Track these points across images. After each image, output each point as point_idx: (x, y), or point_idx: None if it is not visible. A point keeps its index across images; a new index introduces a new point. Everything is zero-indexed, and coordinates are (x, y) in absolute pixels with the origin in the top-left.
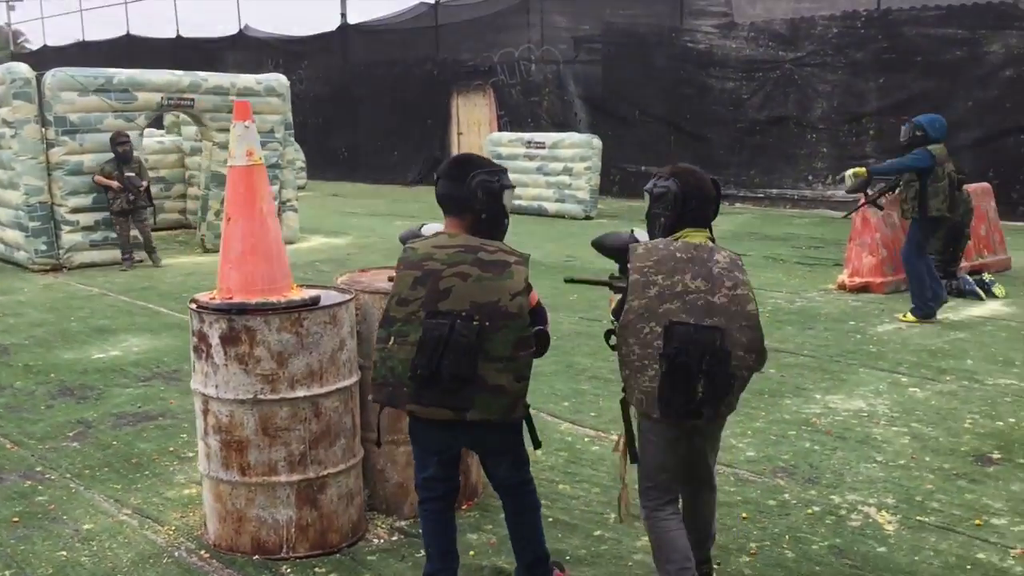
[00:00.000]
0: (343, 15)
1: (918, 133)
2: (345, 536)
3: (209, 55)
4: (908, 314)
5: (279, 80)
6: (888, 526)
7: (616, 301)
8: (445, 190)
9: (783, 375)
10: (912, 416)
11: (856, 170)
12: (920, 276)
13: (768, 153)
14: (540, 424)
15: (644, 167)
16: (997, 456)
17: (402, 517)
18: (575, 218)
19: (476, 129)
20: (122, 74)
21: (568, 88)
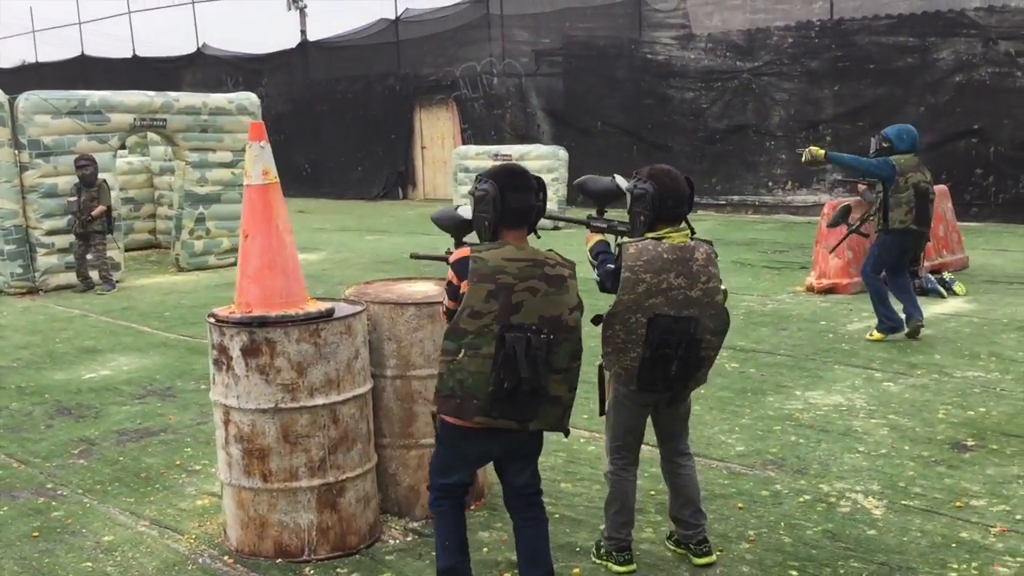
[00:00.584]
0: (303, 32)
1: (884, 145)
2: (363, 538)
3: (166, 74)
4: (875, 332)
5: (250, 99)
6: (876, 511)
7: (593, 240)
8: (520, 202)
9: (763, 374)
10: (889, 408)
11: (814, 148)
12: (878, 290)
13: (729, 161)
14: None
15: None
16: (971, 443)
17: (414, 519)
18: (543, 228)
19: (440, 143)
20: (94, 96)
21: (530, 101)
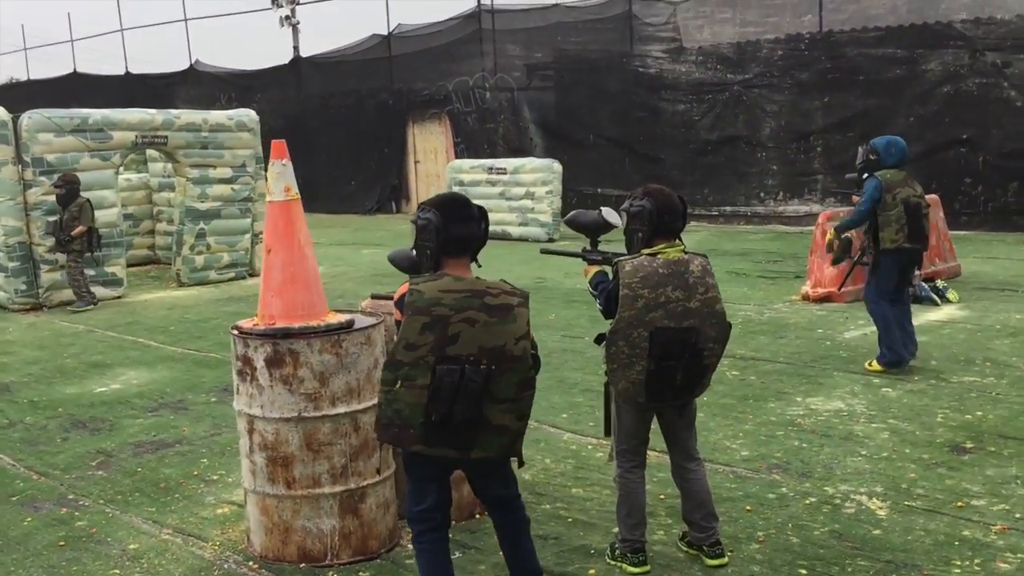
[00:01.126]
0: (295, 48)
1: (872, 157)
2: (384, 542)
3: (159, 91)
4: (874, 362)
5: (249, 115)
6: (880, 511)
7: (592, 272)
8: (463, 232)
9: (763, 381)
10: (888, 413)
11: (829, 238)
12: (884, 318)
13: (720, 172)
14: (544, 435)
15: (600, 189)
16: (970, 446)
17: None
18: (538, 241)
19: (433, 157)
20: (96, 114)
21: (523, 114)
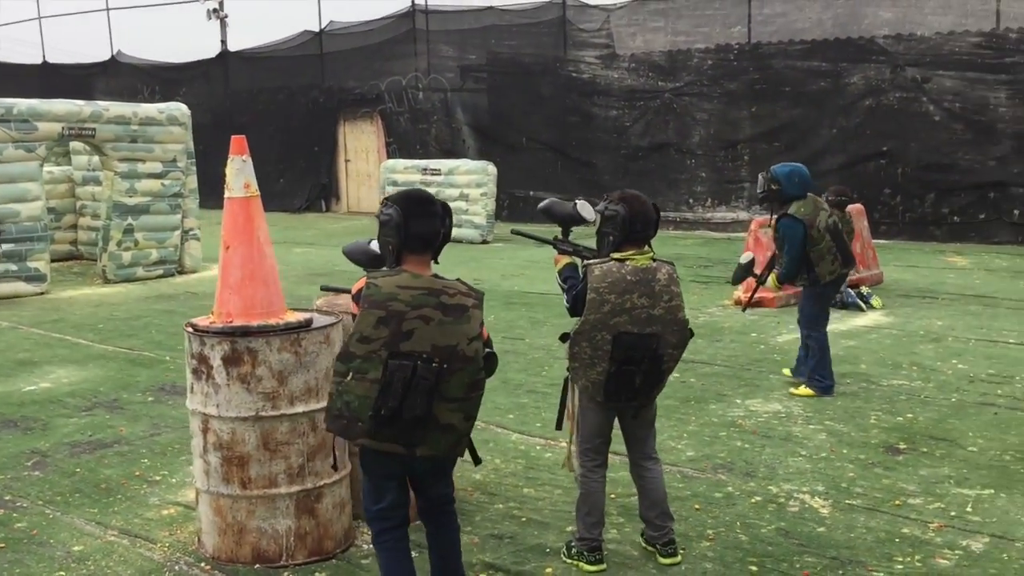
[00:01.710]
0: (223, 42)
1: (773, 187)
2: (339, 542)
3: (78, 81)
4: (803, 387)
5: (181, 109)
6: (823, 510)
7: (562, 262)
8: (424, 228)
9: (703, 384)
10: (824, 415)
11: (772, 283)
12: (824, 347)
13: (651, 178)
14: (492, 436)
15: (532, 192)
16: (903, 446)
17: None
18: (472, 242)
19: (364, 156)
20: (22, 104)
21: (456, 116)
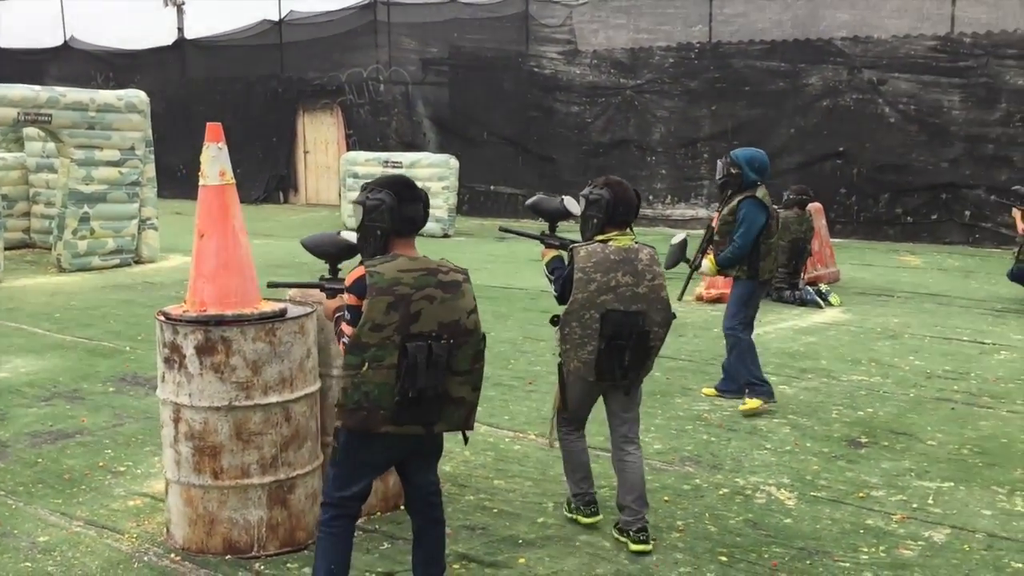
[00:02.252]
0: (180, 29)
1: (733, 171)
2: (311, 533)
3: (29, 67)
4: (748, 401)
5: (139, 97)
6: (789, 501)
7: (549, 255)
8: (414, 212)
9: (669, 378)
10: (787, 409)
11: (709, 267)
12: (752, 349)
13: (611, 174)
14: None
15: (493, 186)
16: (865, 440)
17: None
18: (434, 236)
19: (324, 148)
20: None
21: (417, 109)
